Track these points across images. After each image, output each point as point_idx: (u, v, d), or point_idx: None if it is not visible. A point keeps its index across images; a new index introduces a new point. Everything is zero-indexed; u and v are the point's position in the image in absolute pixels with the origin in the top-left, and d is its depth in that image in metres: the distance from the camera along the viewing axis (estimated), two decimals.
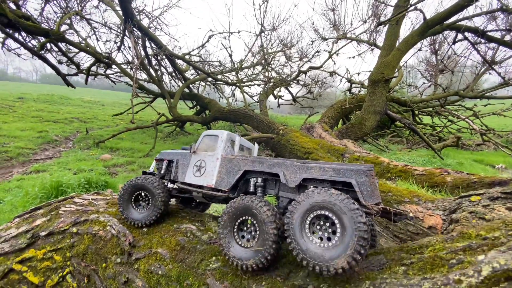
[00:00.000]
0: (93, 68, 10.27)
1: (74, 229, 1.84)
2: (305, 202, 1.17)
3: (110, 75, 11.84)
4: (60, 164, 8.32)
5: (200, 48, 11.39)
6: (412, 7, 6.47)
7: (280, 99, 15.14)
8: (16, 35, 6.58)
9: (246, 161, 1.56)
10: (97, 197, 2.20)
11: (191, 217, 1.81)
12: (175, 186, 1.85)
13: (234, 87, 13.40)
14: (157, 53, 9.47)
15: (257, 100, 12.96)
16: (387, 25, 8.32)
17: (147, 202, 1.78)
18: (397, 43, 8.00)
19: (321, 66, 13.49)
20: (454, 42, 7.75)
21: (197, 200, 2.08)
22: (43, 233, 1.89)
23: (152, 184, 1.70)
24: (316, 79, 14.29)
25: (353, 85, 12.71)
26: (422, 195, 2.97)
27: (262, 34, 10.98)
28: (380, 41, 12.98)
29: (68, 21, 10.18)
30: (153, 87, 12.83)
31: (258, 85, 12.66)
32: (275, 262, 1.29)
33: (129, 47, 10.22)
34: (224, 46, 9.06)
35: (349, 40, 13.62)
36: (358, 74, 12.39)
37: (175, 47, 10.40)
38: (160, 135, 12.10)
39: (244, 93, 10.08)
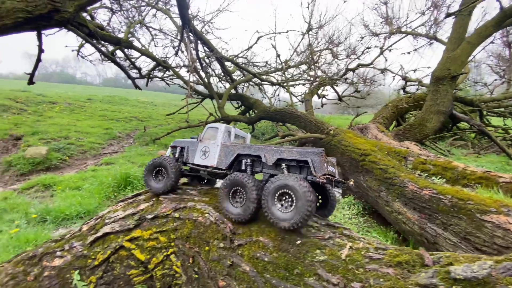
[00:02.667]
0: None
1: (176, 214, 2.05)
2: (276, 183, 1.68)
3: (164, 78, 12.83)
4: (124, 157, 9.28)
5: (246, 50, 11.68)
6: None
7: (324, 99, 14.76)
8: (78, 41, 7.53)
9: (238, 147, 2.11)
10: (187, 187, 2.43)
11: None
12: (186, 168, 2.46)
13: (277, 87, 13.47)
14: (209, 56, 9.96)
15: (301, 100, 12.82)
16: (453, 17, 7.55)
17: (164, 176, 2.36)
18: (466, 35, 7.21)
19: (371, 63, 12.80)
20: None
21: (205, 179, 2.67)
22: (149, 216, 2.14)
23: (168, 162, 2.29)
24: (364, 77, 13.59)
25: (408, 83, 11.79)
26: None
27: (310, 32, 10.83)
28: (441, 34, 11.82)
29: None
30: (200, 88, 13.53)
31: (303, 84, 12.51)
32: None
33: (182, 51, 10.96)
34: (273, 46, 9.16)
35: (404, 35, 12.68)
36: (415, 71, 11.39)
37: (222, 49, 10.78)
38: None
39: (290, 93, 10.06)
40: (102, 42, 7.86)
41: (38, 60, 6.39)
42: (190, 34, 9.12)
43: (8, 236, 4.51)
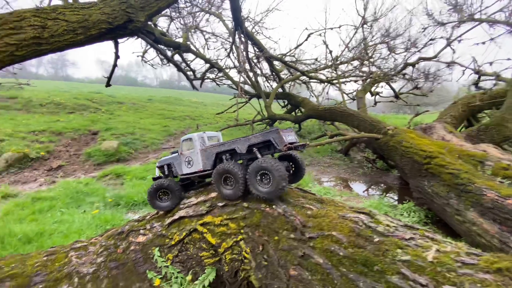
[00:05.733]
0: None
1: (245, 204, 2.17)
2: (255, 167, 2.08)
3: (215, 79, 13.52)
4: None
5: (295, 48, 11.56)
6: None
7: (377, 96, 13.79)
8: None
9: (215, 147, 2.42)
10: None
11: (353, 209, 1.84)
12: (177, 180, 2.71)
13: (326, 84, 13.04)
14: (258, 56, 10.17)
15: (352, 98, 12.19)
16: None
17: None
18: None
19: (435, 56, 11.52)
20: None
21: (196, 182, 2.86)
22: (219, 204, 2.31)
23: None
24: (426, 72, 12.28)
25: (482, 78, 10.29)
26: None
27: (364, 26, 10.24)
28: None
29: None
30: (247, 88, 13.85)
31: (355, 81, 11.88)
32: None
33: (233, 53, 11.39)
34: (324, 42, 8.90)
35: (477, 23, 11.07)
36: (491, 63, 9.86)
37: (270, 48, 10.86)
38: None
39: (342, 91, 9.65)
40: (164, 47, 8.65)
41: (115, 65, 7.37)
42: (242, 35, 9.44)
43: (91, 216, 5.29)
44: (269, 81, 13.27)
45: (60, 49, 5.41)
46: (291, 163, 2.49)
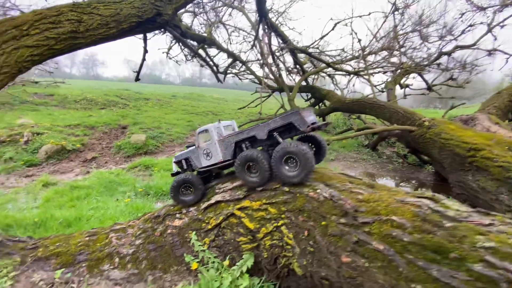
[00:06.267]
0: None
1: (286, 188, 2.07)
2: (281, 152, 2.00)
3: (238, 74, 13.50)
4: None
5: (319, 39, 11.19)
6: None
7: (407, 88, 13.01)
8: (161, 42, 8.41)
9: (233, 136, 2.33)
10: None
11: (410, 193, 1.67)
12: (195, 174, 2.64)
13: (351, 77, 12.53)
14: (282, 48, 9.96)
15: (380, 90, 11.60)
16: None
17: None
18: None
19: (474, 44, 10.63)
20: None
21: (213, 174, 2.83)
22: (258, 188, 2.22)
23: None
24: (463, 62, 11.36)
25: None
26: None
27: (395, 13, 9.65)
28: None
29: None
30: (268, 82, 13.67)
31: (384, 72, 11.28)
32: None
33: (256, 46, 11.25)
34: (352, 31, 8.50)
35: None
36: None
37: (294, 40, 10.60)
38: None
39: (370, 82, 9.19)
40: (191, 40, 8.72)
41: (143, 60, 7.56)
42: (266, 27, 9.28)
43: (124, 204, 5.47)
44: (291, 74, 13.01)
45: (94, 43, 5.60)
46: (311, 144, 2.44)
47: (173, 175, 2.71)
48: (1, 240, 2.56)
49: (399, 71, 11.06)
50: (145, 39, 7.38)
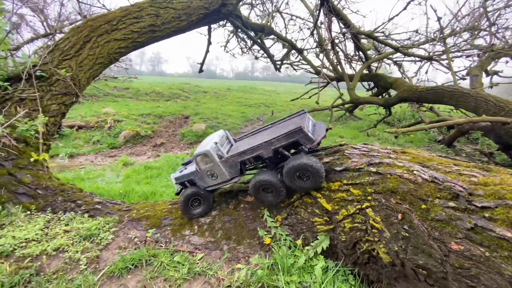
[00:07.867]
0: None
1: (372, 169, 1.90)
2: (293, 167, 2.06)
3: (293, 64, 13.24)
4: None
5: (388, 21, 10.10)
6: None
7: (495, 76, 10.89)
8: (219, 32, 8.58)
9: (237, 157, 2.29)
10: (368, 146, 2.25)
11: None
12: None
13: (422, 63, 11.06)
14: (345, 32, 9.33)
15: (461, 77, 9.96)
16: None
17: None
18: None
19: None
20: None
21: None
22: (337, 168, 2.11)
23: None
24: None
25: None
26: None
27: None
28: None
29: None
30: (325, 71, 13.01)
31: (467, 56, 9.63)
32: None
33: (314, 34, 10.80)
34: (432, 8, 7.41)
35: None
36: None
37: (356, 24, 9.80)
38: (329, 119, 12.24)
39: (451, 68, 7.95)
40: (251, 30, 8.86)
41: (207, 51, 8.00)
42: (326, 11, 8.81)
43: None
44: (352, 62, 12.15)
45: (168, 36, 6.11)
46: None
47: (177, 194, 2.68)
48: (103, 202, 3.01)
49: (487, 54, 9.31)
50: (209, 31, 7.78)
